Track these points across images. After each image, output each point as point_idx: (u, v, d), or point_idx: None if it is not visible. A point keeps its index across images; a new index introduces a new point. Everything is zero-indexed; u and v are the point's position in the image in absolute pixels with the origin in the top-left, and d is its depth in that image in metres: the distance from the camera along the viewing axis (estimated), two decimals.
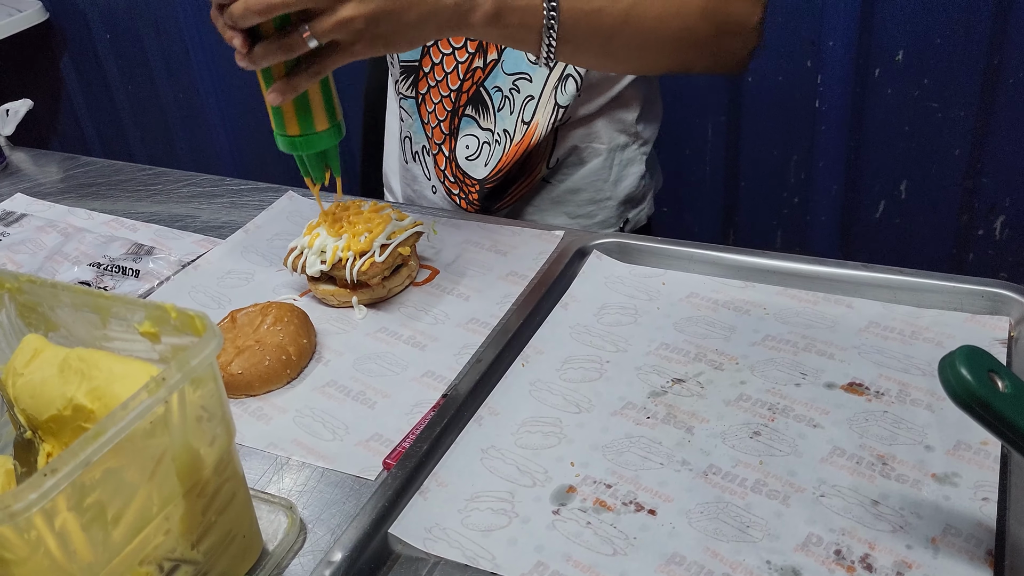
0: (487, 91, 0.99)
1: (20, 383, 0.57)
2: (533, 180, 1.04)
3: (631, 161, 1.07)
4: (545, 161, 1.03)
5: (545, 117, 0.97)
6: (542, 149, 1.02)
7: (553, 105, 0.97)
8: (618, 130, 1.04)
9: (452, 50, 1.00)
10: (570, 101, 0.96)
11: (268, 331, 0.76)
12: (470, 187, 1.04)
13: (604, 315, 0.77)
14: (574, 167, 1.05)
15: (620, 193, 1.07)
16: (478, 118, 1.01)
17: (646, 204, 1.12)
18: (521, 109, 0.97)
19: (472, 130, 1.02)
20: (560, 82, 0.96)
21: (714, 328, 0.73)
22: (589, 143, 1.03)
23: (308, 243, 0.82)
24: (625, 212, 1.08)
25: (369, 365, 0.76)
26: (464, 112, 1.01)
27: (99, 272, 0.93)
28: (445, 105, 1.02)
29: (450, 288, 0.84)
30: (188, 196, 1.08)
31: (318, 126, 0.76)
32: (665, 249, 0.82)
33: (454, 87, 1.01)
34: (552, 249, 0.87)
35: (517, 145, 0.99)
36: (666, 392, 0.67)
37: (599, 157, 1.04)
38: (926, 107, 1.55)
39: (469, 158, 1.02)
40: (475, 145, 1.02)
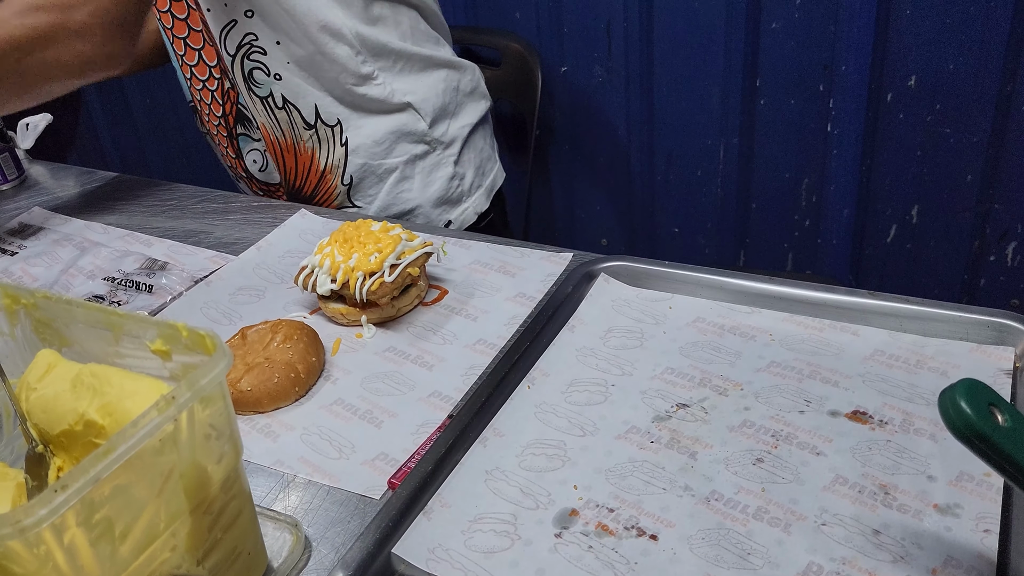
0: (243, 106, 1.09)
1: (33, 397, 0.58)
2: (331, 196, 1.11)
3: (435, 166, 1.13)
4: (339, 178, 1.10)
5: (261, 114, 1.06)
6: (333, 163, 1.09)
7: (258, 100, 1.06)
8: (412, 142, 1.10)
9: (202, 83, 1.10)
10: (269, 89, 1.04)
11: (278, 349, 0.77)
12: (277, 194, 1.15)
13: (610, 338, 0.77)
14: (374, 186, 1.11)
15: (430, 198, 1.13)
16: (249, 132, 1.11)
17: (470, 203, 1.17)
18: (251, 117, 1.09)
19: (250, 145, 1.12)
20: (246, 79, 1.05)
21: (720, 353, 0.74)
22: (381, 160, 1.10)
23: (319, 262, 0.83)
24: (444, 214, 1.15)
25: (377, 384, 0.76)
26: (237, 132, 1.11)
27: (113, 287, 0.94)
28: (223, 131, 1.12)
29: (458, 308, 0.85)
30: (202, 212, 1.10)
31: None
32: (673, 273, 0.83)
33: (222, 112, 1.11)
34: (560, 271, 0.88)
35: (268, 146, 1.10)
36: (670, 417, 0.67)
37: (395, 172, 1.11)
38: (938, 133, 1.55)
39: (261, 170, 1.13)
40: (260, 157, 1.12)
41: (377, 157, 1.09)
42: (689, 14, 1.65)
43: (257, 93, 1.04)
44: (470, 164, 1.17)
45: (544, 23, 1.81)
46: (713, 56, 1.68)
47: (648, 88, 1.77)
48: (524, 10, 1.82)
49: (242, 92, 1.05)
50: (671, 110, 1.77)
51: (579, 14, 1.76)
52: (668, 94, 1.76)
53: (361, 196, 1.12)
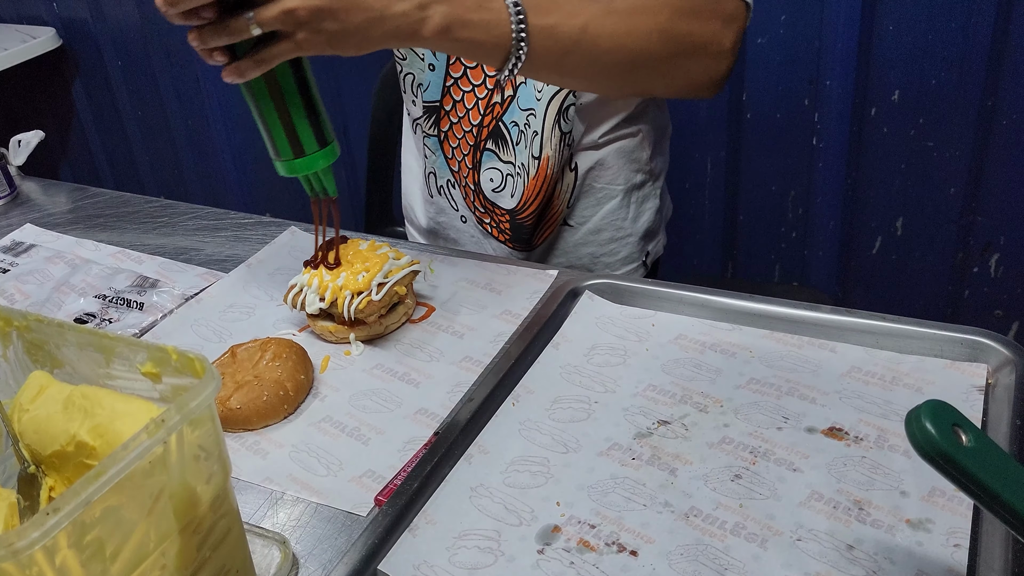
0: (505, 125, 1.03)
1: (25, 419, 0.60)
2: (555, 219, 1.07)
3: (647, 197, 1.10)
4: (566, 201, 1.06)
5: (554, 149, 1.00)
6: (563, 188, 1.05)
7: (559, 135, 1.00)
8: (634, 170, 1.08)
9: (472, 87, 1.04)
10: (572, 127, 1.00)
11: (267, 367, 0.78)
12: (500, 216, 1.07)
13: (594, 355, 0.79)
14: (593, 208, 1.08)
15: (639, 229, 1.10)
16: (498, 151, 1.04)
17: (661, 234, 1.16)
18: (530, 144, 1.01)
19: (494, 163, 1.05)
20: (560, 113, 0.99)
21: (701, 370, 0.75)
22: (606, 184, 1.07)
23: (307, 281, 0.85)
24: (645, 246, 1.12)
25: (364, 401, 0.78)
26: (485, 146, 1.05)
27: (104, 304, 0.95)
28: (468, 140, 1.06)
29: (445, 326, 0.86)
30: (193, 229, 1.11)
31: (308, 148, 0.78)
32: (655, 291, 0.84)
33: (475, 123, 1.04)
34: (546, 288, 0.89)
35: (534, 179, 1.02)
36: (651, 433, 0.69)
37: (616, 198, 1.08)
38: (922, 146, 1.58)
39: (495, 190, 1.06)
40: (499, 178, 1.06)
41: (601, 180, 1.07)
42: None
43: (563, 129, 1.00)
44: (664, 198, 1.15)
45: None
46: None
47: None
48: None
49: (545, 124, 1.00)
50: None
51: None
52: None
53: (576, 217, 1.09)
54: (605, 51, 0.81)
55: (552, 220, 1.06)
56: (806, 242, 1.78)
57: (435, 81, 1.06)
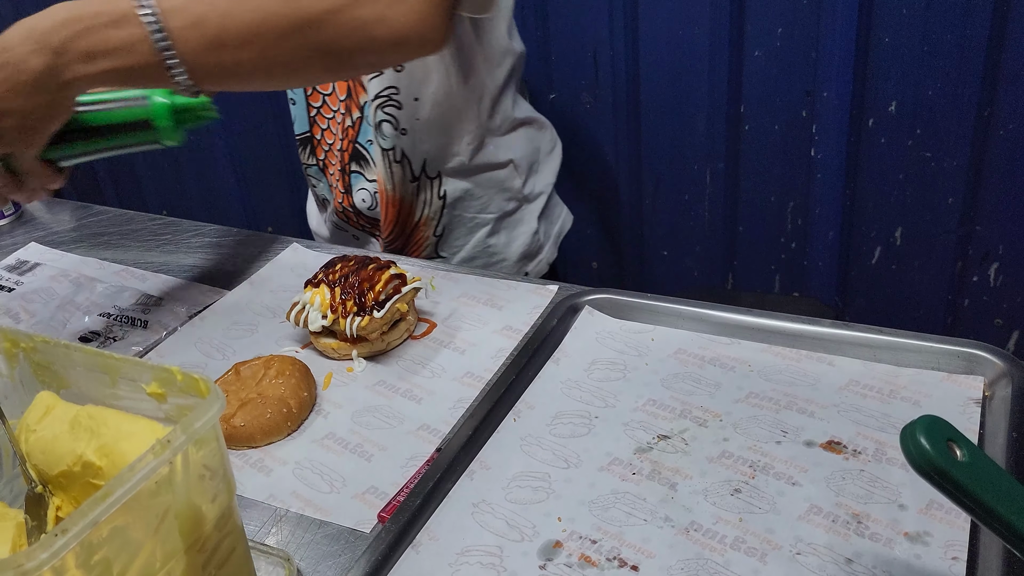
0: (362, 146, 1.08)
1: (33, 439, 0.60)
2: (420, 245, 1.12)
3: (519, 222, 1.14)
4: (432, 229, 1.11)
5: (379, 163, 1.05)
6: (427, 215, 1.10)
7: (380, 151, 1.05)
8: (506, 199, 1.12)
9: (332, 114, 1.09)
10: (393, 143, 1.04)
11: (270, 384, 0.79)
12: (377, 231, 1.13)
13: (594, 370, 0.79)
14: (464, 237, 1.13)
15: (514, 253, 1.14)
16: (363, 171, 1.09)
17: (545, 252, 1.19)
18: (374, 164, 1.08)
19: (362, 184, 1.10)
20: (377, 129, 1.03)
21: (700, 385, 0.76)
22: (476, 214, 1.11)
23: (310, 299, 0.86)
24: (522, 267, 1.16)
25: (367, 418, 0.78)
26: (351, 169, 1.10)
27: (109, 323, 0.96)
28: (338, 166, 1.11)
29: (447, 342, 0.87)
30: (196, 246, 1.12)
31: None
32: (655, 306, 0.85)
33: (341, 148, 1.10)
34: (546, 303, 0.90)
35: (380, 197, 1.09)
36: (651, 448, 0.70)
37: (487, 226, 1.12)
38: (919, 156, 1.58)
39: (370, 209, 1.12)
40: (368, 197, 1.11)
41: (471, 210, 1.11)
42: (673, 42, 1.69)
43: (382, 145, 1.04)
44: (546, 217, 1.18)
45: (532, 51, 1.84)
46: (698, 83, 1.71)
47: (635, 114, 1.80)
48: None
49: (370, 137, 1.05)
50: (658, 136, 1.80)
51: (566, 42, 1.79)
52: (654, 120, 1.79)
53: (447, 247, 1.13)
54: (259, 24, 0.72)
55: (418, 243, 1.11)
56: (806, 253, 1.79)
57: (300, 114, 1.12)
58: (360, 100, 1.04)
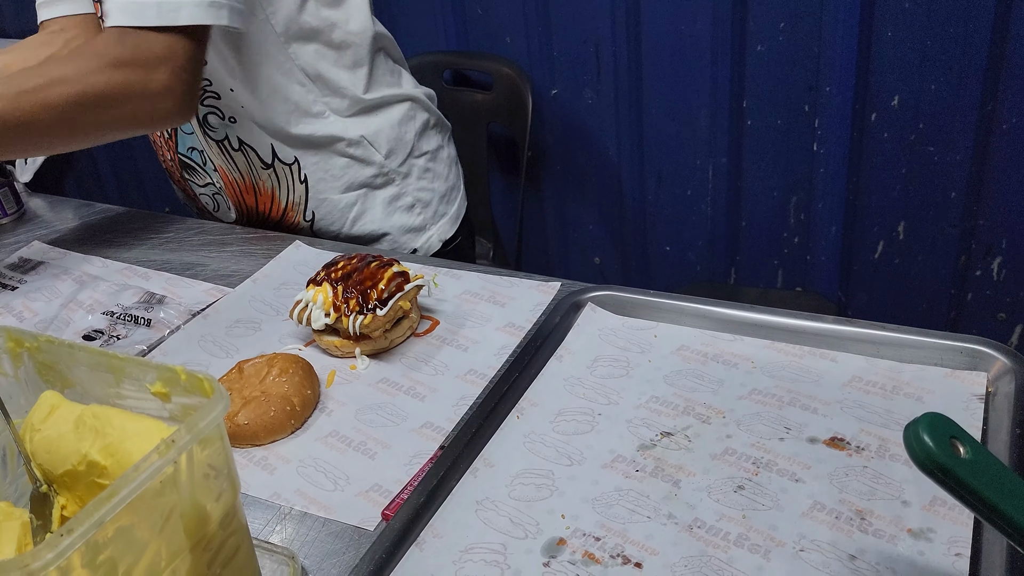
0: (184, 156, 1.14)
1: (37, 438, 0.60)
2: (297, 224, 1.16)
3: (396, 196, 1.17)
4: (301, 212, 1.14)
5: (218, 156, 1.10)
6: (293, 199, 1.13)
7: (215, 143, 1.09)
8: (369, 176, 1.14)
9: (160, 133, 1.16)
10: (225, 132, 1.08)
11: (274, 382, 0.79)
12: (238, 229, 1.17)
13: (597, 367, 0.79)
14: (337, 221, 1.16)
15: (394, 226, 1.18)
16: (194, 180, 1.16)
17: (435, 230, 1.22)
18: (204, 161, 1.12)
19: (199, 190, 1.17)
20: (201, 125, 1.08)
21: (703, 381, 0.76)
22: (340, 194, 1.14)
23: (312, 297, 0.86)
24: (410, 242, 1.19)
25: (371, 415, 0.78)
26: (185, 177, 1.17)
27: (112, 321, 0.96)
28: (176, 174, 1.18)
29: (450, 339, 0.87)
30: (199, 244, 1.12)
31: None
32: (658, 302, 0.85)
33: (170, 158, 1.17)
34: (549, 300, 0.90)
35: (227, 188, 1.14)
36: (655, 445, 0.70)
37: (355, 205, 1.15)
38: (922, 151, 1.58)
39: (214, 212, 1.19)
40: (209, 201, 1.18)
41: (335, 191, 1.13)
42: (676, 37, 1.69)
43: (213, 137, 1.07)
44: (434, 192, 1.21)
45: (534, 47, 1.84)
46: (700, 78, 1.71)
47: (637, 110, 1.80)
48: (515, 35, 1.85)
49: (196, 135, 1.09)
50: (660, 131, 1.80)
51: (568, 38, 1.79)
52: (657, 115, 1.79)
53: (325, 231, 1.16)
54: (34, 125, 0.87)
55: (289, 222, 1.15)
56: (808, 247, 1.79)
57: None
58: None
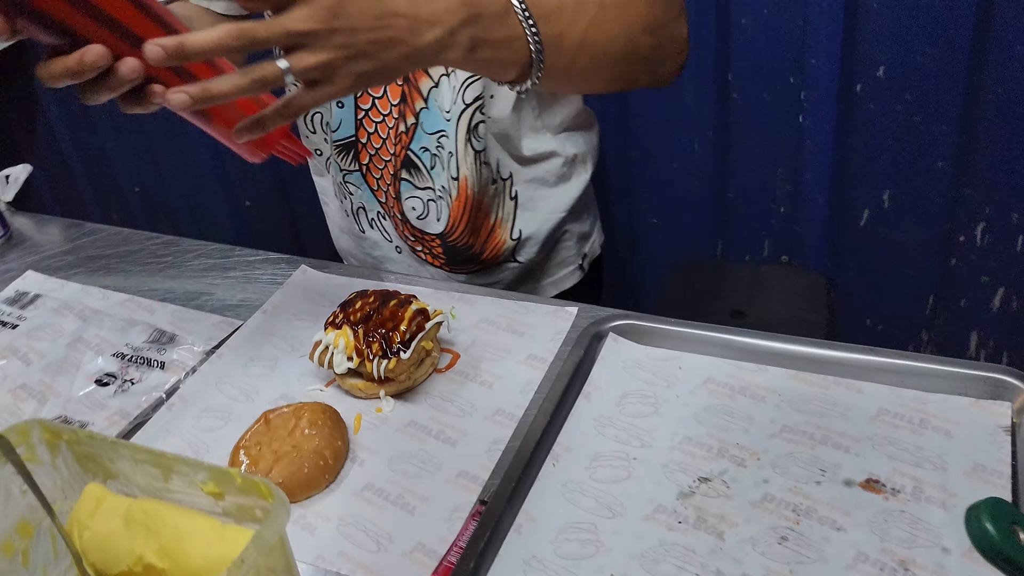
0: (414, 154, 1.04)
1: (87, 536, 0.60)
2: (498, 239, 1.09)
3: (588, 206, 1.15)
4: (508, 233, 1.09)
5: (470, 168, 1.01)
6: (503, 211, 1.07)
7: (472, 154, 1.01)
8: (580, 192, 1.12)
9: (381, 118, 1.04)
10: (485, 144, 1.01)
11: (304, 436, 0.79)
12: (431, 243, 1.09)
13: (626, 404, 0.80)
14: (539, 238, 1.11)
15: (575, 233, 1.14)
16: (413, 180, 1.06)
17: (596, 234, 1.20)
18: (447, 165, 1.02)
19: (412, 192, 1.06)
20: (470, 132, 1.00)
21: (733, 419, 0.77)
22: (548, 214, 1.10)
23: (334, 341, 0.85)
24: (581, 249, 1.16)
25: (404, 465, 0.78)
26: (401, 176, 1.06)
27: (123, 364, 0.95)
28: (389, 170, 1.07)
29: (472, 374, 0.87)
30: (200, 269, 1.10)
31: None
32: (679, 331, 0.85)
33: (392, 153, 1.05)
34: (567, 328, 0.90)
35: (457, 201, 1.04)
36: (694, 493, 0.71)
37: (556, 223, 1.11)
38: (909, 121, 1.59)
39: (420, 217, 1.08)
40: (420, 205, 1.07)
41: (544, 210, 1.09)
42: None
43: (475, 147, 1.00)
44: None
45: None
46: None
47: None
48: None
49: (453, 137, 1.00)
50: (645, 106, 1.79)
51: None
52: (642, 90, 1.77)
53: (525, 252, 1.11)
54: (603, 52, 0.83)
55: (495, 241, 1.09)
56: (796, 218, 1.80)
57: (346, 117, 1.06)
58: (416, 107, 1.00)
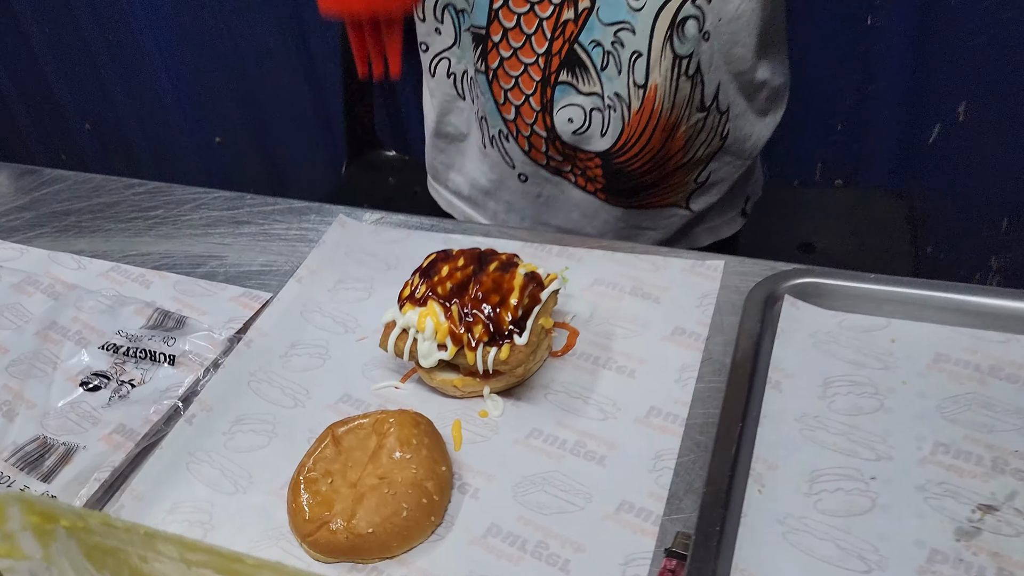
0: (583, 48, 0.79)
1: None
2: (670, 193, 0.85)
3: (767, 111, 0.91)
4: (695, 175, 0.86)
5: (663, 76, 0.77)
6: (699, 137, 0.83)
7: (672, 58, 0.77)
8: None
9: (529, 7, 0.79)
10: (692, 48, 0.77)
11: (394, 462, 0.56)
12: (586, 162, 0.84)
13: (834, 397, 0.58)
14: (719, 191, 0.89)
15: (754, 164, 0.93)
16: (577, 83, 0.80)
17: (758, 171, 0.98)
18: (630, 69, 0.78)
19: (571, 98, 0.81)
20: (673, 27, 0.75)
21: (996, 414, 0.56)
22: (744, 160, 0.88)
23: (416, 323, 0.62)
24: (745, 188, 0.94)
25: (536, 495, 0.56)
26: (557, 79, 0.81)
27: (117, 359, 0.70)
28: (532, 74, 0.81)
29: (602, 358, 0.65)
30: (202, 225, 0.85)
31: None
32: (879, 291, 0.63)
33: (540, 50, 0.80)
34: (715, 289, 0.68)
35: (638, 115, 0.79)
36: (979, 530, 0.50)
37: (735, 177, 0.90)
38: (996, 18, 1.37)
39: (577, 132, 0.82)
40: (580, 116, 0.82)
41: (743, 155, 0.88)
42: None
43: (677, 51, 0.77)
44: None
45: None
46: None
47: None
48: None
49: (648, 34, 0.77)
50: None
51: None
52: None
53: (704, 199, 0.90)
54: None
55: (675, 181, 0.84)
56: (857, 135, 1.59)
57: (480, 2, 0.81)
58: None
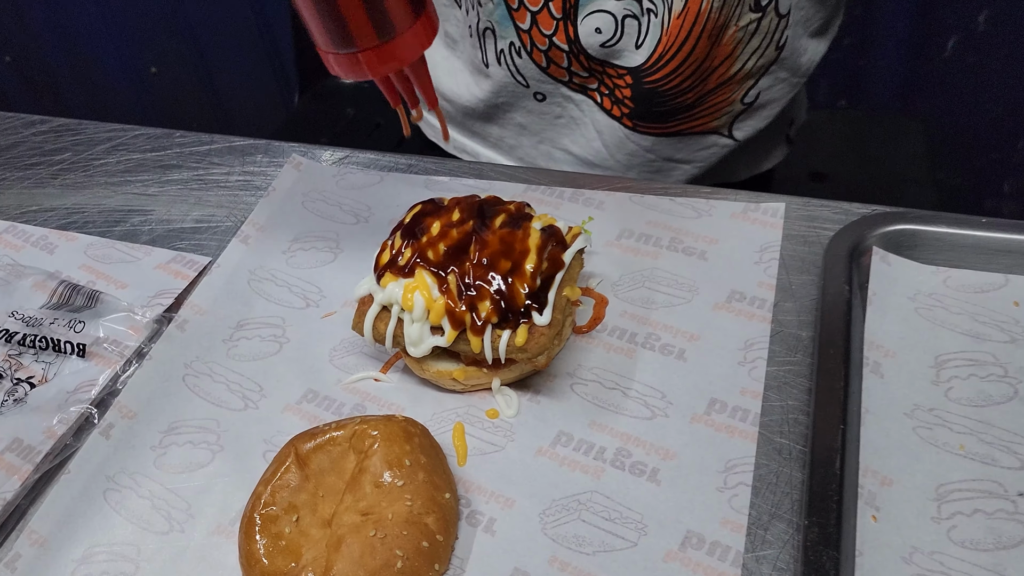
0: None
1: None
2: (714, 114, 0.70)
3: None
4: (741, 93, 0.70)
5: None
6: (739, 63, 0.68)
7: None
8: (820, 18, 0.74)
9: None
10: None
11: (381, 490, 0.42)
12: (615, 80, 0.71)
13: (952, 381, 0.45)
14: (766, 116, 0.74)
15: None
16: None
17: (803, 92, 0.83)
18: None
19: (600, 2, 0.67)
20: None
21: None
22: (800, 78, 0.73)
23: (401, 300, 0.46)
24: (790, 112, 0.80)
25: (571, 526, 0.42)
26: None
27: (11, 350, 0.54)
28: None
29: (640, 334, 0.50)
30: (120, 171, 0.68)
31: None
32: (993, 239, 0.50)
33: None
34: (778, 240, 0.54)
35: (679, 19, 0.65)
36: None
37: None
38: None
39: (606, 44, 0.69)
40: (610, 24, 0.68)
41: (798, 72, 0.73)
42: None
43: None
44: None
45: None
46: None
47: None
48: None
49: None
50: None
51: None
52: None
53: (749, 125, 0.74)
54: None
55: (719, 98, 0.69)
56: (863, 50, 1.45)
57: None
58: None
